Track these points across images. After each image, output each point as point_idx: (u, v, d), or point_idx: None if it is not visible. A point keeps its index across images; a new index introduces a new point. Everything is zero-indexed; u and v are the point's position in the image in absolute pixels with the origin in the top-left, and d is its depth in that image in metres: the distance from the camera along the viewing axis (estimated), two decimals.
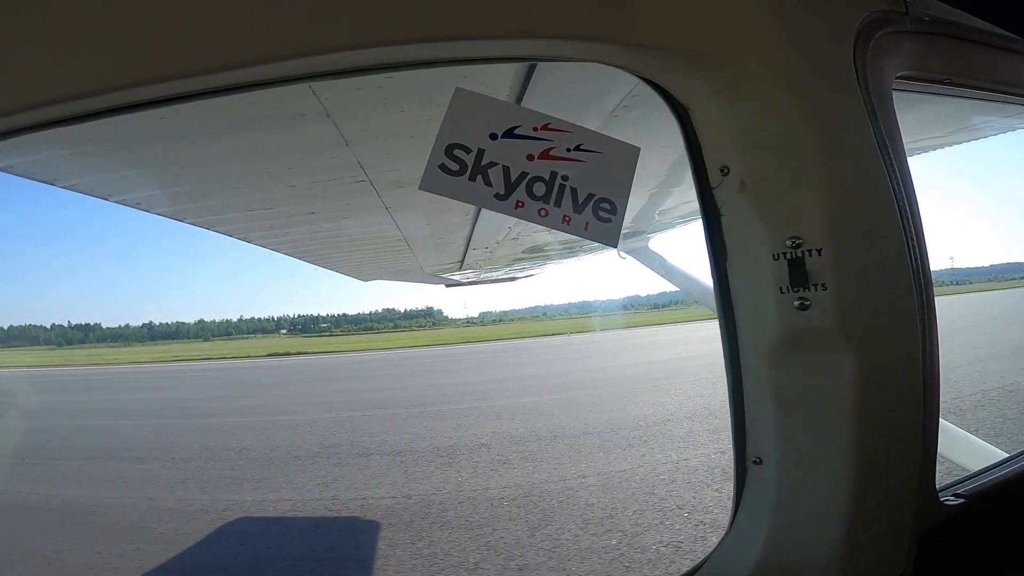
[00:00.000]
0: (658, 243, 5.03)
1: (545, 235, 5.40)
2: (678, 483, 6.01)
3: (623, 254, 5.38)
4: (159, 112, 1.61)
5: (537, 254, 6.70)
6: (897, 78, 1.18)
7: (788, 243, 1.01)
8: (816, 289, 1.00)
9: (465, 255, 6.11)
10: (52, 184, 2.12)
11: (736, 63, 1.01)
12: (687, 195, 3.45)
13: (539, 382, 14.18)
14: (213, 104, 1.59)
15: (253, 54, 0.92)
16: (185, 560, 4.91)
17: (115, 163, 2.09)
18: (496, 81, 1.53)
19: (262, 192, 2.84)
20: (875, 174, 1.02)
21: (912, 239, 1.04)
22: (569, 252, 6.94)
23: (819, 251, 1.00)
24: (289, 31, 0.91)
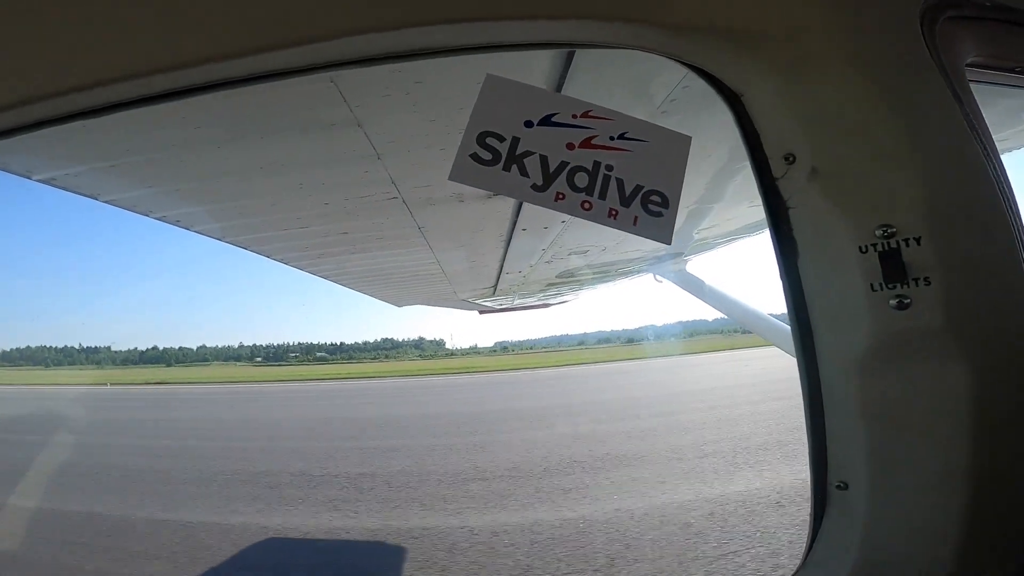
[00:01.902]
0: (697, 265, 4.86)
1: (578, 259, 5.30)
2: None
3: (659, 278, 5.22)
4: (194, 121, 1.65)
5: (570, 279, 6.59)
6: (966, 66, 1.07)
7: (878, 232, 0.89)
8: (918, 284, 0.87)
9: (499, 279, 6.07)
10: (95, 198, 2.17)
11: (794, 42, 0.93)
12: (729, 211, 3.30)
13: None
14: (244, 111, 1.60)
15: (268, 40, 0.89)
16: None
17: (155, 177, 2.12)
18: (530, 78, 1.46)
19: (297, 210, 2.86)
20: (971, 156, 0.90)
21: (1018, 226, 0.90)
22: (603, 277, 6.80)
23: (918, 240, 0.87)
24: (304, 15, 0.88)
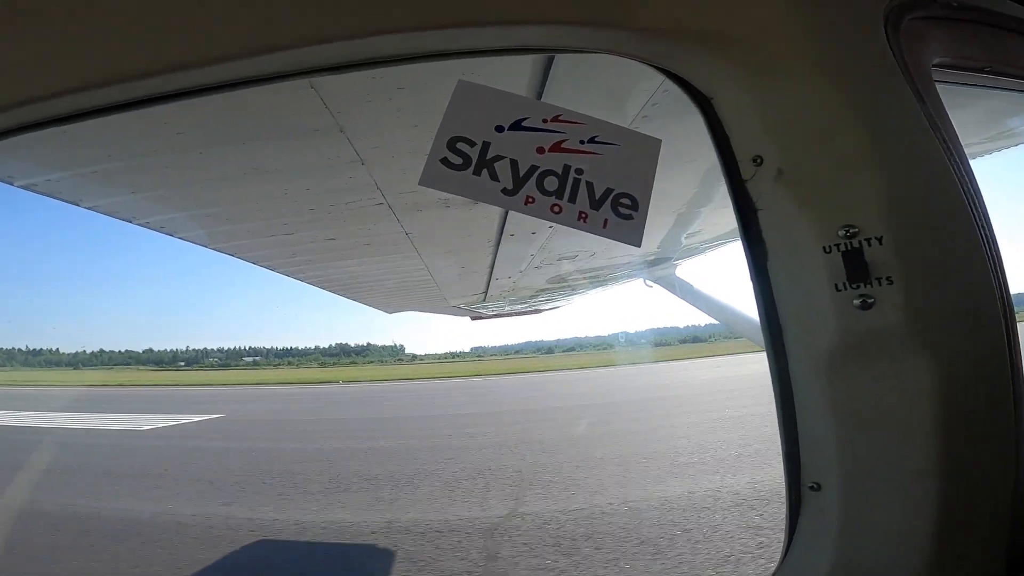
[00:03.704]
0: (686, 270, 4.88)
1: (568, 264, 5.32)
2: None
3: (649, 283, 5.24)
4: (175, 127, 1.64)
5: (561, 284, 6.60)
6: (933, 66, 1.09)
7: (841, 232, 0.90)
8: (880, 283, 0.88)
9: (488, 285, 6.07)
10: (76, 204, 2.15)
11: (761, 46, 0.95)
12: (717, 215, 3.33)
13: None
14: (226, 117, 1.60)
15: (249, 46, 0.89)
16: None
17: (137, 183, 2.11)
18: (511, 85, 1.48)
19: (283, 216, 2.86)
20: (933, 156, 0.92)
21: (982, 225, 0.91)
22: (594, 282, 6.82)
23: (879, 239, 0.88)
24: (285, 21, 0.89)
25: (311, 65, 0.97)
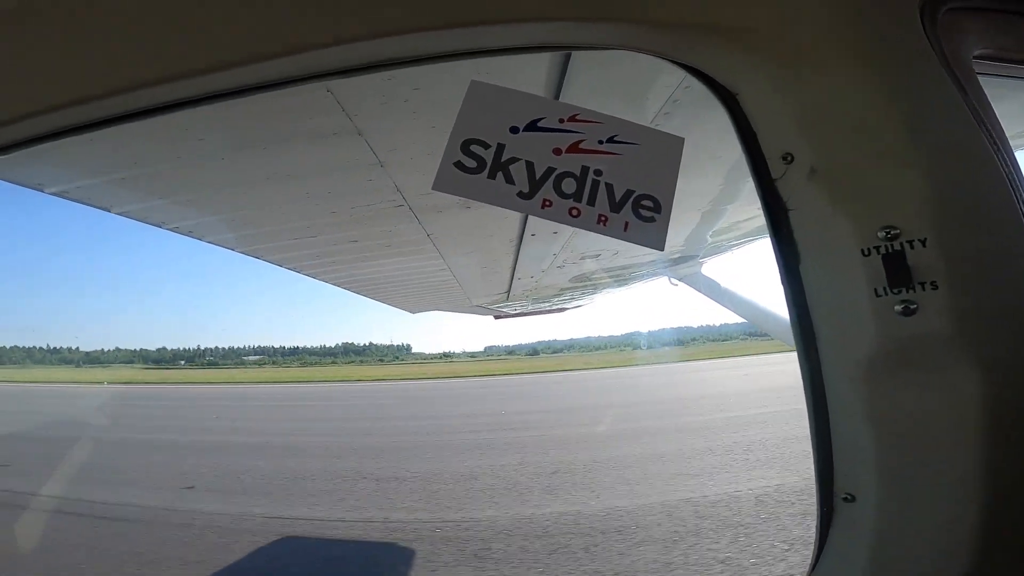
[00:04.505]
0: (712, 268, 4.78)
1: (590, 263, 5.26)
2: None
3: (674, 281, 5.15)
4: (198, 132, 1.67)
5: (584, 283, 6.54)
6: (974, 58, 1.02)
7: (881, 234, 0.84)
8: (924, 288, 0.82)
9: (511, 284, 6.05)
10: (107, 210, 2.21)
11: (788, 38, 0.90)
12: (743, 211, 3.23)
13: None
14: (246, 122, 1.61)
15: (261, 50, 0.89)
16: None
17: (164, 188, 2.16)
18: (527, 84, 1.45)
19: (306, 219, 2.89)
20: (979, 151, 0.85)
21: None
22: (617, 281, 6.74)
23: (923, 241, 0.82)
24: (296, 25, 0.88)
25: (326, 68, 0.96)
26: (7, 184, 1.85)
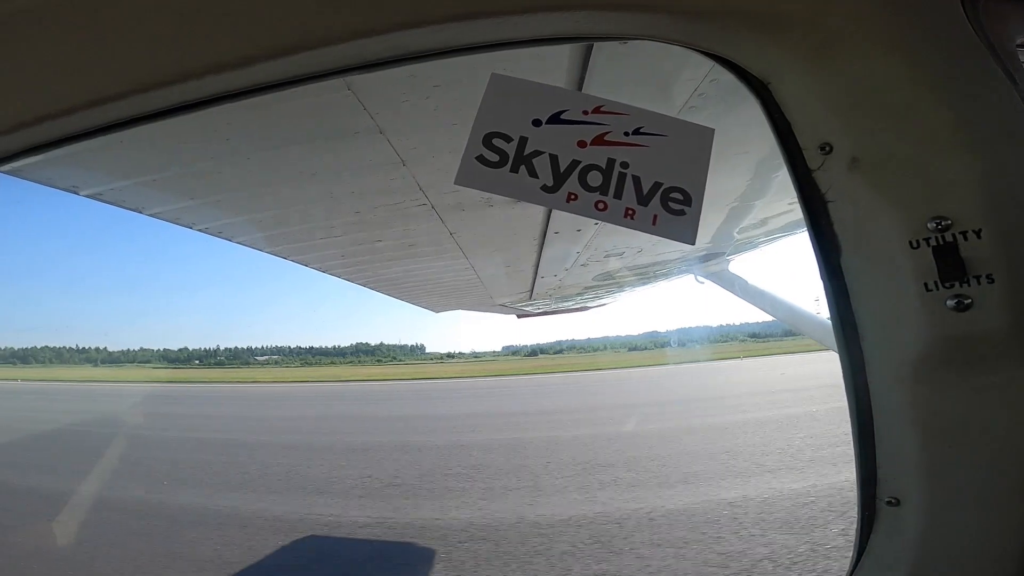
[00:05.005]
0: (739, 265, 4.66)
1: (614, 261, 5.19)
2: None
3: (701, 278, 5.04)
4: (224, 132, 1.69)
5: (608, 281, 6.47)
6: (1018, 46, 0.97)
7: (931, 225, 0.80)
8: (979, 282, 0.78)
9: (534, 283, 6.02)
10: (140, 212, 2.27)
11: (821, 25, 0.86)
12: (772, 207, 3.13)
13: None
14: (268, 121, 1.63)
15: (276, 46, 0.89)
16: None
17: (193, 190, 2.20)
18: (548, 77, 1.42)
19: (331, 219, 2.92)
20: None
21: None
22: (642, 279, 6.64)
23: (977, 232, 0.78)
24: (311, 20, 0.88)
25: (344, 63, 0.96)
26: (43, 187, 1.90)
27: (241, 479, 8.76)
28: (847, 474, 6.53)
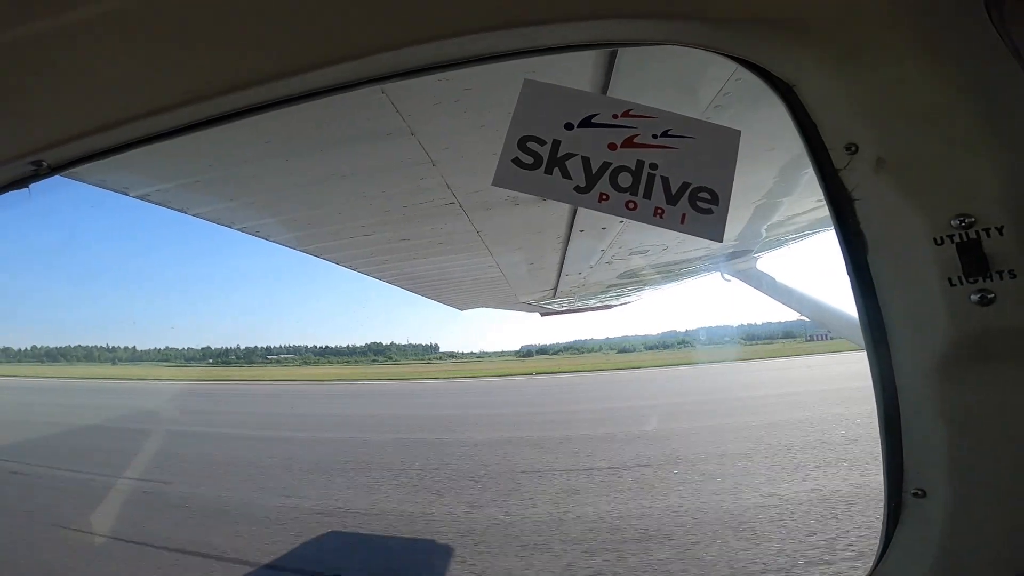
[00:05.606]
0: (768, 263, 4.59)
1: (639, 259, 5.18)
2: None
3: (727, 276, 4.99)
4: (264, 135, 1.77)
5: (632, 279, 6.44)
6: None
7: (955, 222, 0.82)
8: (1002, 277, 0.80)
9: (558, 281, 6.04)
10: (184, 212, 2.39)
11: (845, 28, 0.88)
12: (799, 206, 3.10)
13: None
14: (306, 126, 1.70)
15: (322, 57, 0.94)
16: None
17: (233, 191, 2.30)
18: (574, 81, 1.46)
19: (361, 218, 3.00)
20: None
21: None
22: (667, 277, 6.59)
23: (1000, 229, 0.80)
24: (351, 32, 0.93)
25: (380, 73, 1.01)
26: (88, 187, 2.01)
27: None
28: None
